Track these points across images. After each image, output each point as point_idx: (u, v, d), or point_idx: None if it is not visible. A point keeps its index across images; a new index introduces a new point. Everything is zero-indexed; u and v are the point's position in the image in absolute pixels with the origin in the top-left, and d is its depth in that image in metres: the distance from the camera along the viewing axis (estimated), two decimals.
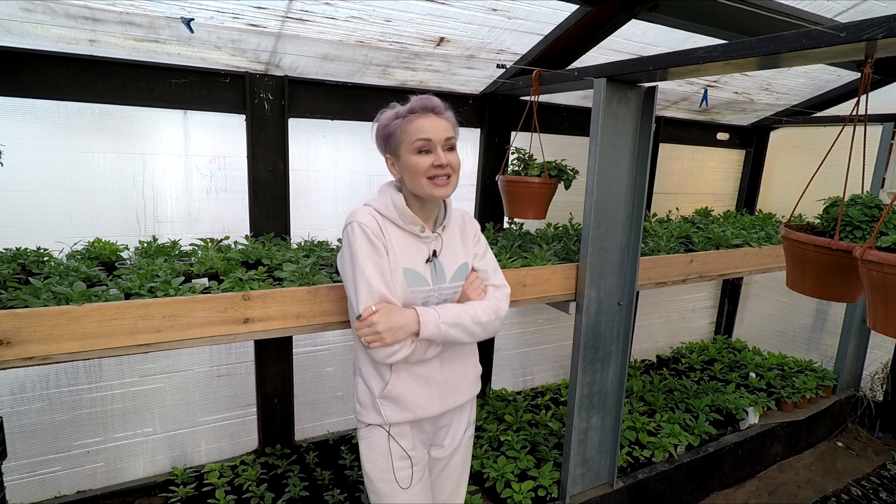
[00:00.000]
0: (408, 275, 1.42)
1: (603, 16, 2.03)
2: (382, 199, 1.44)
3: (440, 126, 1.37)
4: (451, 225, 1.55)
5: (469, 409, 1.68)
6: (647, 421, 2.92)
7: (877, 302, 1.24)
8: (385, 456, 1.50)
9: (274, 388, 2.49)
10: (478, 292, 1.52)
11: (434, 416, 1.54)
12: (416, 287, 1.43)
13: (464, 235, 1.58)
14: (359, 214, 1.39)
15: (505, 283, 1.59)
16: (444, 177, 1.38)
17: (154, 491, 2.30)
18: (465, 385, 1.60)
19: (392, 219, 1.42)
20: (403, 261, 1.41)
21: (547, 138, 2.52)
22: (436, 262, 1.48)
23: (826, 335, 3.89)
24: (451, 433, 1.63)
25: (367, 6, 1.81)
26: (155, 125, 2.13)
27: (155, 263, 1.68)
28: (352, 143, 2.51)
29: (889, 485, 2.94)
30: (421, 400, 1.49)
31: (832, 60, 1.56)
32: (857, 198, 1.52)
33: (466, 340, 1.46)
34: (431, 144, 1.36)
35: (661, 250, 2.47)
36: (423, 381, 1.49)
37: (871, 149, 3.23)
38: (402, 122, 1.37)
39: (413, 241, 1.45)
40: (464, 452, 1.69)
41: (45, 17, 1.64)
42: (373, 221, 1.38)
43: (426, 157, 1.36)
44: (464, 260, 1.54)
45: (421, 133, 1.35)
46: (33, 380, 2.10)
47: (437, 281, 1.47)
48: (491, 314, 1.49)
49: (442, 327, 1.38)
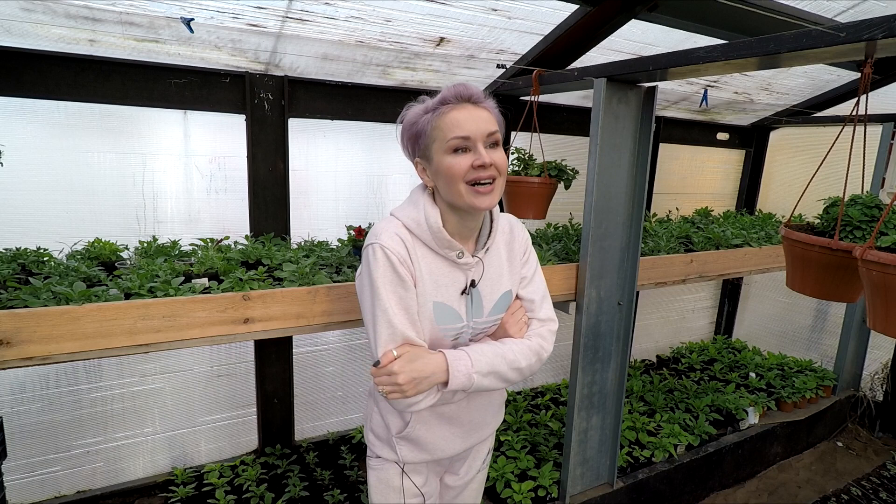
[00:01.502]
0: (438, 309, 1.19)
1: (603, 16, 2.03)
2: (414, 212, 1.18)
3: (480, 117, 1.11)
4: (497, 243, 1.29)
5: (489, 441, 1.52)
6: (647, 421, 2.91)
7: (877, 302, 1.24)
8: (397, 493, 1.36)
9: (274, 388, 2.49)
10: (518, 327, 1.28)
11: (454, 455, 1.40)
12: (446, 325, 1.20)
13: (511, 255, 1.32)
14: (383, 235, 1.14)
15: (553, 318, 1.34)
16: (487, 181, 1.12)
17: (154, 491, 2.30)
18: (489, 418, 1.43)
19: (424, 240, 1.17)
20: (434, 293, 1.18)
21: (547, 138, 2.52)
22: (473, 292, 1.24)
23: (826, 335, 3.89)
24: (468, 463, 1.48)
25: (367, 6, 1.81)
26: (155, 125, 2.13)
27: (155, 263, 1.68)
28: (352, 143, 2.51)
29: (889, 485, 2.94)
30: (442, 441, 1.33)
31: (832, 60, 1.56)
32: (857, 198, 1.52)
33: (499, 387, 1.24)
34: (470, 142, 1.10)
35: (661, 250, 2.47)
36: (445, 419, 1.32)
37: (871, 149, 3.22)
38: (433, 116, 1.12)
39: (448, 268, 1.20)
40: (480, 479, 1.55)
41: (45, 17, 1.64)
42: (400, 245, 1.14)
43: (464, 157, 1.11)
44: (508, 287, 1.30)
45: (456, 129, 1.10)
46: (33, 380, 2.10)
47: (474, 315, 1.25)
48: (532, 357, 1.25)
49: (475, 378, 1.15)
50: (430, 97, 1.17)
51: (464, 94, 1.12)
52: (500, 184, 1.15)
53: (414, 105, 1.18)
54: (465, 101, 1.12)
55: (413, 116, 1.17)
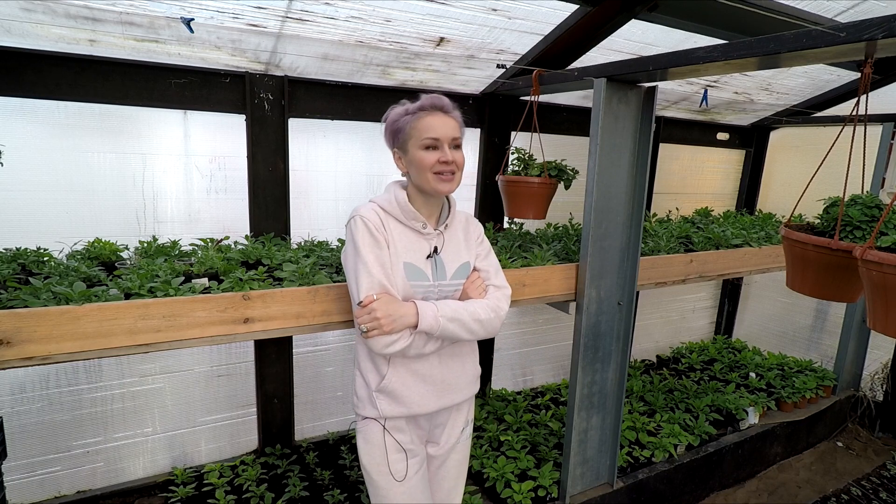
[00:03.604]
0: (408, 269, 1.45)
1: (603, 16, 2.03)
2: (386, 195, 1.50)
3: (448, 125, 1.43)
4: (455, 225, 1.59)
5: (467, 408, 1.70)
6: (647, 421, 2.92)
7: (877, 302, 1.24)
8: (380, 448, 1.53)
9: (274, 388, 2.49)
10: (478, 291, 1.56)
11: (429, 412, 1.56)
12: (416, 281, 1.46)
13: (467, 236, 1.61)
14: (362, 209, 1.44)
15: (506, 285, 1.62)
16: (449, 173, 1.43)
17: (154, 491, 2.30)
18: (462, 384, 1.62)
19: (395, 214, 1.46)
20: (405, 255, 1.45)
21: (547, 138, 2.52)
22: (437, 258, 1.51)
23: (826, 335, 3.89)
24: (447, 431, 1.65)
25: (367, 6, 1.81)
26: (155, 125, 2.13)
27: (155, 263, 1.68)
28: (352, 143, 2.51)
29: (889, 485, 2.94)
30: (416, 396, 1.52)
31: (832, 60, 1.56)
32: (857, 198, 1.52)
33: (465, 336, 1.49)
34: (439, 142, 1.41)
35: (661, 250, 2.47)
36: (419, 377, 1.52)
37: (871, 149, 3.23)
38: (412, 118, 1.42)
39: (415, 236, 1.49)
40: (461, 451, 1.71)
41: (45, 17, 1.64)
42: (375, 216, 1.43)
43: (433, 154, 1.41)
44: (466, 259, 1.57)
45: (430, 131, 1.41)
46: (33, 380, 2.10)
47: (438, 277, 1.51)
48: (490, 312, 1.51)
49: (441, 321, 1.41)
50: (409, 100, 1.46)
51: (437, 104, 1.43)
52: (458, 176, 1.47)
53: (396, 106, 1.47)
54: (439, 110, 1.43)
55: (395, 115, 1.46)
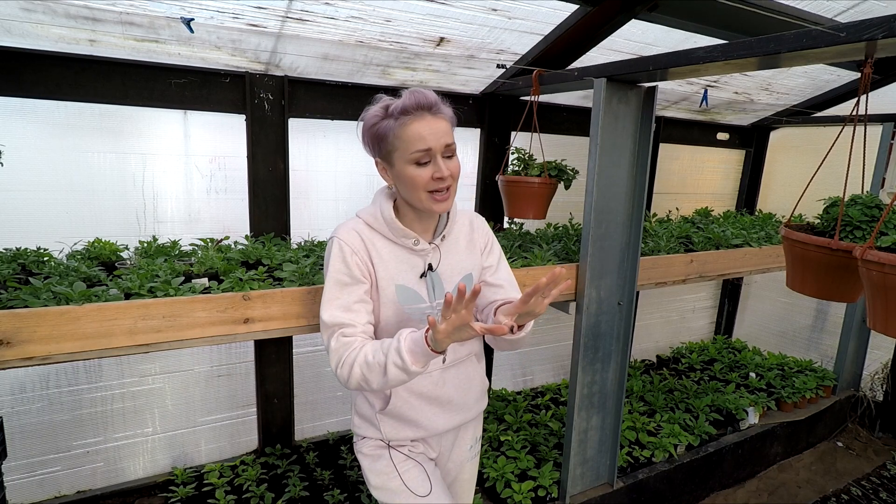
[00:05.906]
0: (401, 292, 1.31)
1: (603, 16, 2.03)
2: (372, 208, 1.33)
3: (439, 130, 1.21)
4: (455, 233, 1.41)
5: (474, 426, 1.59)
6: (647, 421, 2.91)
7: (877, 302, 1.24)
8: (388, 463, 1.43)
9: (274, 388, 2.49)
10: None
11: (438, 433, 1.46)
12: (411, 305, 1.32)
13: (470, 243, 1.44)
14: (341, 229, 1.29)
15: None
16: (444, 189, 1.24)
17: (154, 491, 2.30)
18: (471, 402, 1.50)
19: (382, 232, 1.31)
20: (396, 276, 1.30)
21: (547, 138, 2.52)
22: (432, 275, 1.35)
23: (826, 335, 3.89)
24: (455, 450, 1.55)
25: (367, 6, 1.81)
26: (155, 125, 2.13)
27: (155, 263, 1.68)
28: (352, 143, 2.51)
29: (889, 485, 2.94)
30: (424, 419, 1.41)
31: (832, 60, 1.56)
32: (857, 198, 1.52)
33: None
34: (430, 154, 1.21)
35: (661, 250, 2.47)
36: (425, 398, 1.40)
37: (871, 149, 3.22)
38: (396, 125, 1.21)
39: (406, 254, 1.33)
40: (470, 470, 1.62)
41: (45, 17, 1.64)
42: (356, 238, 1.28)
43: (425, 170, 1.22)
44: (468, 271, 1.41)
45: (419, 142, 1.20)
46: (33, 380, 2.10)
47: (436, 297, 1.35)
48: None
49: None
50: (387, 95, 1.26)
51: (423, 103, 1.20)
52: (454, 188, 1.28)
53: (372, 106, 1.26)
54: (425, 111, 1.21)
55: (373, 118, 1.25)
